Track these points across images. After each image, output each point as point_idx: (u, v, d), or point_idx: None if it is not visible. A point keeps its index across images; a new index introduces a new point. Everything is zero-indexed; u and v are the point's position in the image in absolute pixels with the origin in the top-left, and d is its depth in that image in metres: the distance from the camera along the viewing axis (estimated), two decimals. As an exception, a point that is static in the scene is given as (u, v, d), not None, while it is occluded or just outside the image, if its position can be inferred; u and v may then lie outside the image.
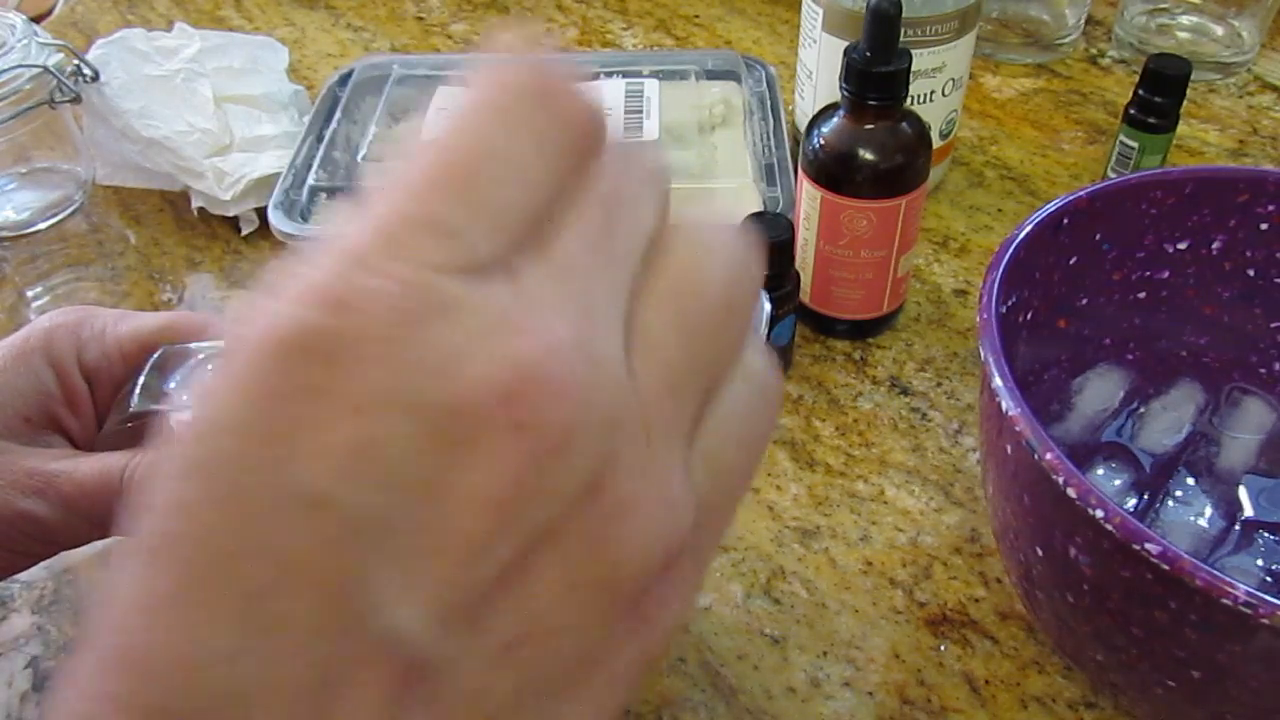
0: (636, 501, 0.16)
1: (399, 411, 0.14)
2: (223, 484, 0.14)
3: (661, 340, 0.17)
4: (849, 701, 0.37)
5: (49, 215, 0.61)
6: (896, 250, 0.47)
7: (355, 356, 0.14)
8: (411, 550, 0.14)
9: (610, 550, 0.16)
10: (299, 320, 0.14)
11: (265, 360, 0.14)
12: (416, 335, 0.14)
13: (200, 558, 0.14)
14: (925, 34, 0.51)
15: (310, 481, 0.14)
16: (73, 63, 0.58)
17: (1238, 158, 0.63)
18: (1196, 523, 0.39)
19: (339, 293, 0.14)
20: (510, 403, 0.14)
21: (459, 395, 0.14)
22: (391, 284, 0.14)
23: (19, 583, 0.42)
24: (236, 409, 0.14)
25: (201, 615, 0.14)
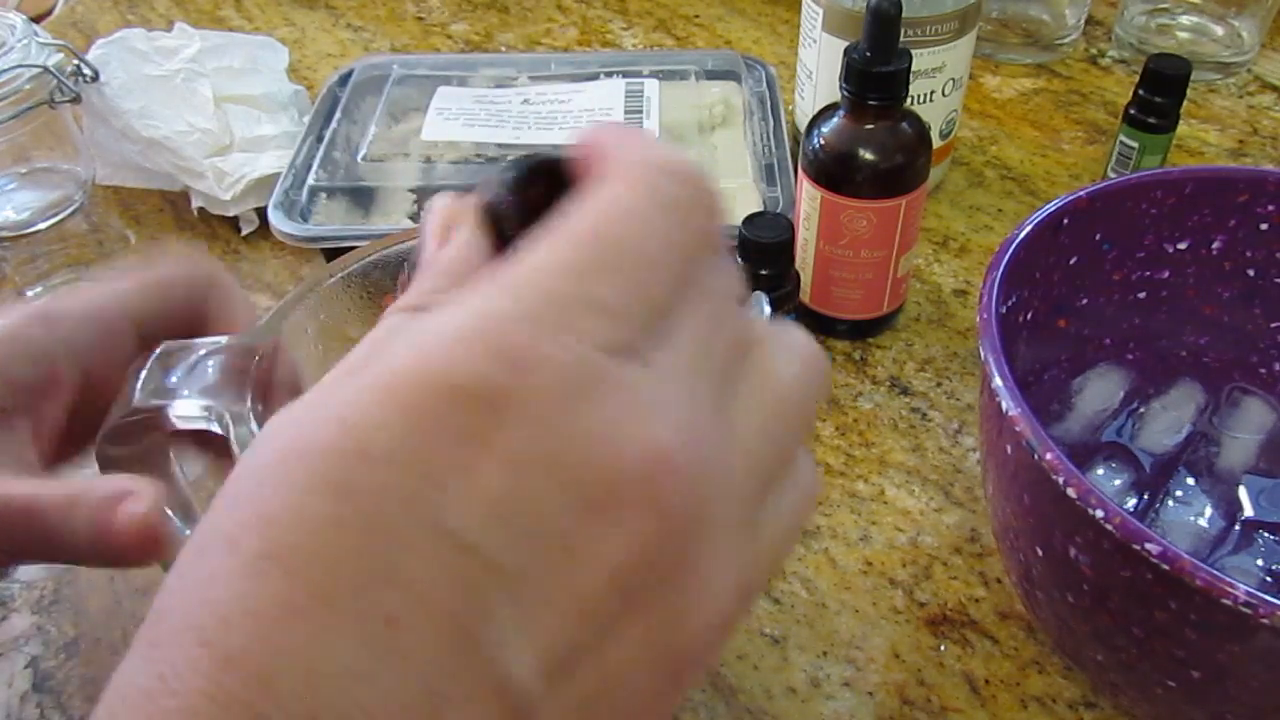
0: (718, 586, 0.17)
1: (551, 473, 0.15)
2: (367, 510, 0.15)
3: (751, 439, 0.18)
4: (849, 701, 0.37)
5: (49, 215, 0.61)
6: (896, 250, 0.47)
7: (520, 415, 0.15)
8: (536, 600, 0.15)
9: (686, 624, 0.17)
10: (471, 369, 0.15)
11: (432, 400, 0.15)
12: (576, 406, 0.16)
13: (335, 577, 0.15)
14: (925, 34, 0.51)
15: (458, 523, 0.15)
16: (73, 63, 0.58)
17: (1238, 158, 0.63)
18: (1196, 523, 0.39)
19: (517, 353, 0.15)
20: (650, 483, 0.16)
21: (608, 467, 0.16)
22: (564, 355, 0.16)
23: (19, 583, 0.42)
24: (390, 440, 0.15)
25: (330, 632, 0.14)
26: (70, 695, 0.39)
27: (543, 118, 0.59)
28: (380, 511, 0.15)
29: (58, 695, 0.39)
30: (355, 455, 0.15)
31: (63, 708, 0.38)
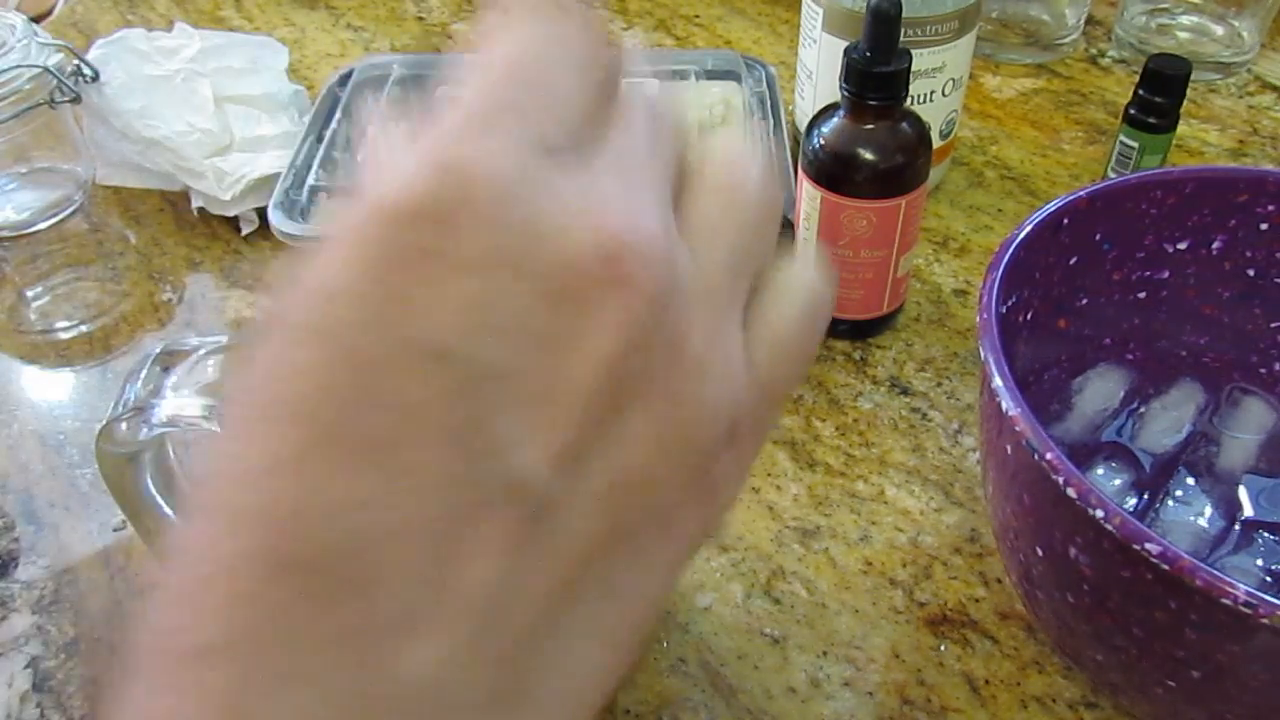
0: (707, 363, 0.17)
1: (513, 271, 0.16)
2: (341, 345, 0.15)
3: (713, 225, 0.19)
4: (849, 701, 0.37)
5: (49, 215, 0.61)
6: (896, 250, 0.47)
7: (469, 221, 0.15)
8: (528, 398, 0.16)
9: (688, 406, 0.17)
10: (412, 187, 0.15)
11: (376, 226, 0.15)
12: (522, 203, 0.16)
13: (324, 415, 0.15)
14: (925, 34, 0.51)
15: (430, 336, 0.15)
16: (73, 63, 0.58)
17: (1238, 158, 0.63)
18: (1196, 523, 0.39)
19: (449, 162, 0.16)
20: (609, 261, 0.16)
21: (565, 255, 0.16)
22: (496, 156, 0.16)
23: (19, 583, 0.42)
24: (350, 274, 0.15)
25: (329, 467, 0.15)
26: (70, 695, 0.39)
27: (543, 118, 0.59)
28: (353, 341, 0.15)
29: (58, 695, 0.39)
30: (320, 297, 0.15)
31: (63, 708, 0.38)
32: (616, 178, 0.17)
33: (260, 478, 0.15)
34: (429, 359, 0.15)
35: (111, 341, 0.54)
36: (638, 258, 0.16)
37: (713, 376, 0.17)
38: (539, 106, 0.17)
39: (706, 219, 0.19)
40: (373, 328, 0.15)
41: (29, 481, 0.46)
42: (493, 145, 0.16)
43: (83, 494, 0.46)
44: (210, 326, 0.54)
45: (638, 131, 0.19)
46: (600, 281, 0.16)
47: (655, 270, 0.16)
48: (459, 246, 0.15)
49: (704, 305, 0.17)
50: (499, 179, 0.16)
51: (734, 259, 0.19)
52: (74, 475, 0.47)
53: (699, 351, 0.17)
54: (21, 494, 0.46)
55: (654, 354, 0.16)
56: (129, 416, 0.32)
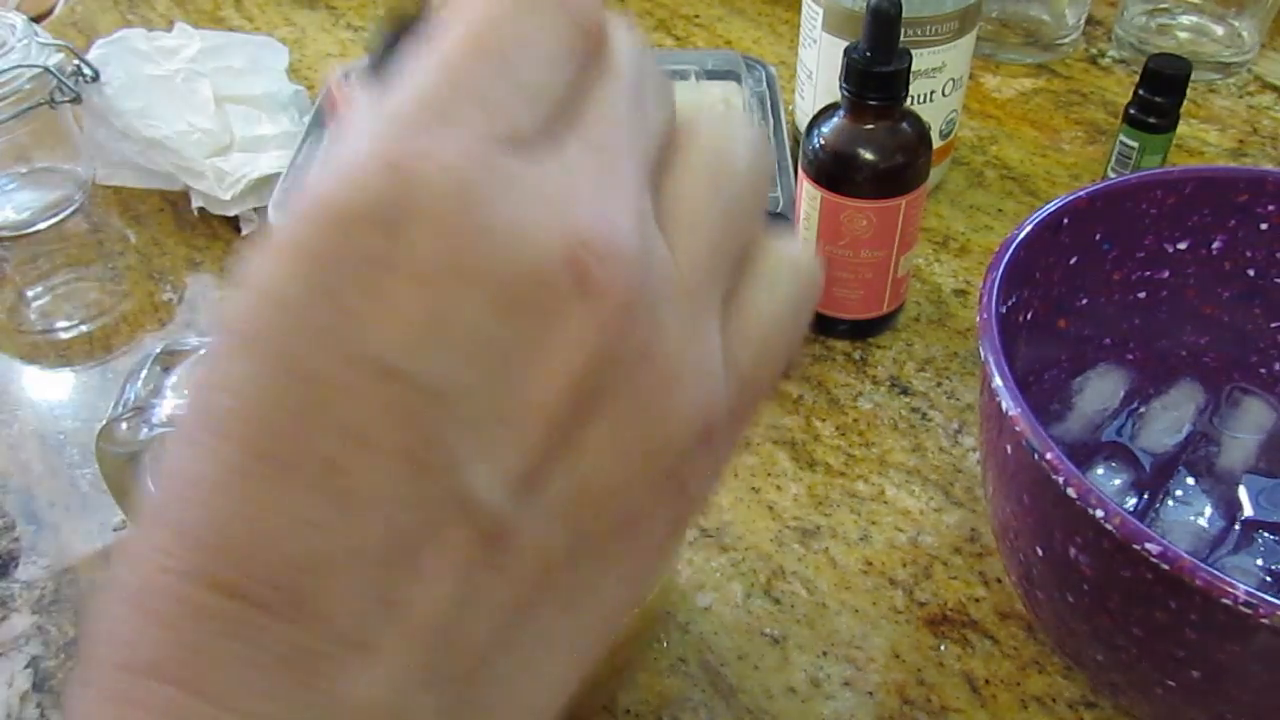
0: (680, 368, 0.16)
1: (466, 280, 0.14)
2: (281, 358, 0.14)
3: (696, 210, 0.17)
4: (849, 701, 0.37)
5: (49, 215, 0.61)
6: (896, 250, 0.47)
7: (417, 225, 0.14)
8: (486, 416, 0.15)
9: (657, 416, 0.16)
10: (355, 187, 0.14)
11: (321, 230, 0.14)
12: (477, 203, 0.14)
13: (265, 431, 0.14)
14: (925, 34, 0.51)
15: (379, 352, 0.14)
16: (73, 63, 0.58)
17: (1238, 158, 0.63)
18: (1196, 523, 0.39)
19: (395, 159, 0.14)
20: (575, 269, 0.15)
21: (525, 263, 0.14)
22: (448, 151, 0.14)
23: (19, 583, 0.42)
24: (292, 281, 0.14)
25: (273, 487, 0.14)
26: (70, 695, 0.39)
27: (543, 118, 0.59)
28: (294, 354, 0.14)
29: (58, 695, 0.39)
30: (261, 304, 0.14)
31: (63, 708, 0.38)
32: (590, 164, 0.16)
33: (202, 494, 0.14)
34: (375, 376, 0.14)
35: (111, 341, 0.54)
36: (607, 264, 0.15)
37: (686, 381, 0.16)
38: (505, 90, 0.15)
39: (689, 206, 0.17)
40: (315, 340, 0.14)
41: (29, 481, 0.47)
42: (448, 139, 0.14)
43: (83, 494, 0.46)
44: (210, 326, 0.54)
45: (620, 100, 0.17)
46: (565, 292, 0.15)
47: (627, 277, 0.15)
48: (408, 254, 0.14)
49: (680, 305, 0.16)
50: (453, 178, 0.14)
51: (716, 250, 0.17)
52: (74, 475, 0.47)
53: (672, 356, 0.16)
54: (22, 494, 0.46)
55: (622, 365, 0.15)
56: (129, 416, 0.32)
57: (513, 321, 0.15)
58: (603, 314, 0.15)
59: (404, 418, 0.14)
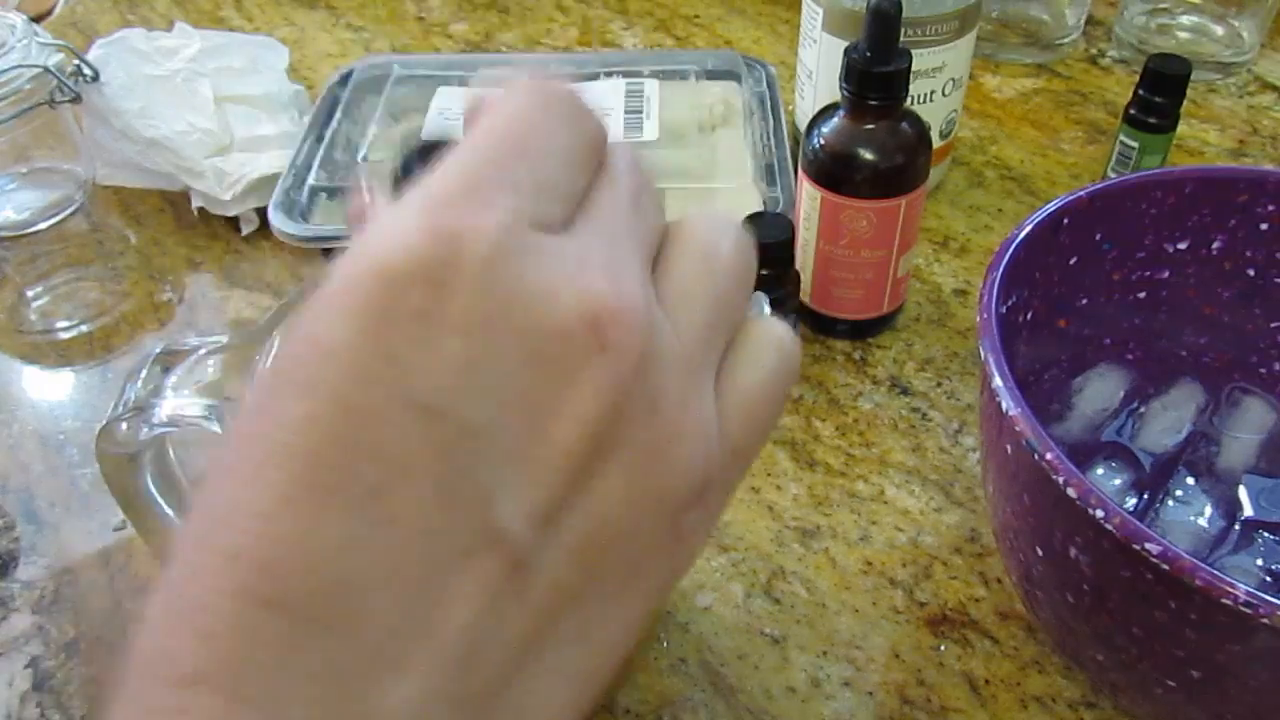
0: (683, 425, 0.18)
1: (501, 333, 0.16)
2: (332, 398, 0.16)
3: (690, 292, 0.20)
4: (849, 701, 0.37)
5: (49, 215, 0.61)
6: (896, 250, 0.47)
7: (460, 283, 0.16)
8: (511, 455, 0.16)
9: (663, 465, 0.18)
10: (406, 249, 0.16)
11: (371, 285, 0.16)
12: (511, 267, 0.17)
13: (318, 463, 0.16)
14: (925, 34, 0.51)
15: (419, 393, 0.16)
16: (73, 63, 0.58)
17: (1238, 158, 0.63)
18: (1196, 522, 0.39)
19: (441, 226, 0.16)
20: (594, 327, 0.17)
21: (552, 320, 0.17)
22: (486, 222, 0.17)
23: (19, 583, 0.42)
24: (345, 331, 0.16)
25: (320, 512, 0.15)
26: (70, 695, 0.39)
27: (543, 118, 0.59)
28: (345, 395, 0.16)
29: (58, 695, 0.39)
30: (318, 353, 0.16)
31: (63, 708, 0.38)
32: (601, 244, 0.18)
33: (248, 519, 0.16)
34: (418, 414, 0.16)
35: (111, 341, 0.54)
36: (621, 324, 0.17)
37: (686, 437, 0.18)
38: (531, 179, 0.18)
39: (683, 286, 0.20)
40: (364, 382, 0.16)
41: (29, 481, 0.47)
42: (486, 213, 0.17)
43: (83, 494, 0.46)
44: (210, 326, 0.54)
45: (621, 199, 0.20)
46: (584, 346, 0.17)
47: (637, 336, 0.17)
48: (449, 309, 0.16)
49: (680, 370, 0.18)
50: (489, 246, 0.16)
51: (708, 324, 0.20)
52: (74, 475, 0.47)
53: (674, 414, 0.18)
54: (22, 494, 0.46)
55: (632, 416, 0.17)
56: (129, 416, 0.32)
57: (539, 370, 0.17)
58: (617, 366, 0.17)
59: (442, 452, 0.16)
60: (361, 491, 0.16)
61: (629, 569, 0.18)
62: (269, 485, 0.16)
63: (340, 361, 0.16)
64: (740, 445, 0.20)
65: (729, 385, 0.20)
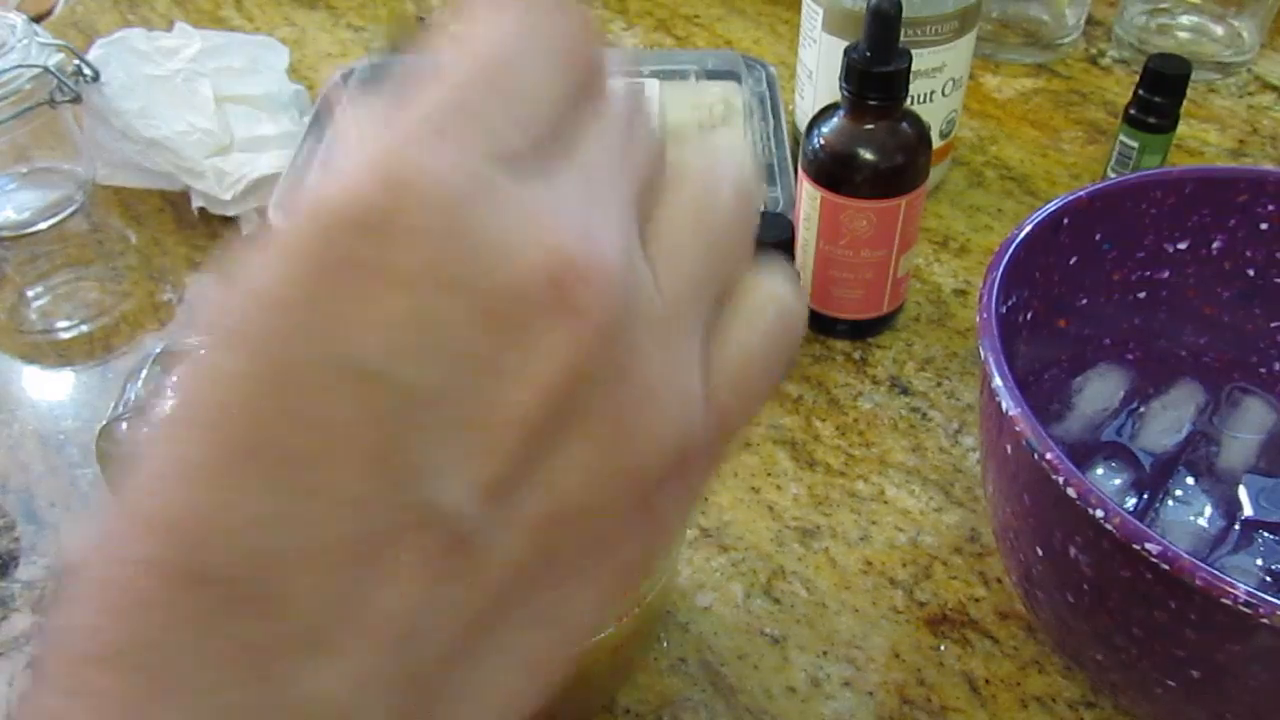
0: (658, 391, 0.16)
1: (451, 290, 0.15)
2: (265, 354, 0.14)
3: (681, 243, 0.18)
4: (849, 701, 0.37)
5: (49, 215, 0.61)
6: (896, 250, 0.47)
7: (408, 234, 0.14)
8: (459, 424, 0.15)
9: (633, 436, 0.16)
10: (350, 194, 0.15)
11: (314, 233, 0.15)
12: (468, 217, 0.15)
13: (241, 426, 0.14)
14: (925, 34, 0.51)
15: (359, 354, 0.14)
16: (73, 63, 0.58)
17: (1238, 158, 0.63)
18: (1196, 522, 0.39)
19: (392, 170, 0.15)
20: (558, 287, 0.15)
21: (510, 277, 0.15)
22: (443, 165, 0.15)
23: (19, 583, 0.42)
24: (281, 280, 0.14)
25: (241, 480, 0.14)
26: (70, 695, 0.39)
27: (543, 118, 0.59)
28: (278, 353, 0.14)
29: (58, 695, 0.39)
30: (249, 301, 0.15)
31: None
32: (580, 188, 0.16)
33: (170, 483, 0.14)
34: (354, 377, 0.14)
35: (111, 341, 0.54)
36: (590, 283, 0.15)
37: (663, 406, 0.17)
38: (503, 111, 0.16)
39: (675, 235, 0.18)
40: (299, 339, 0.14)
41: (29, 481, 0.47)
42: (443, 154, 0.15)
43: (83, 494, 0.46)
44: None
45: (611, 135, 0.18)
46: (546, 307, 0.15)
47: (608, 297, 0.15)
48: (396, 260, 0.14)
49: (661, 330, 0.17)
50: (445, 190, 0.15)
51: (700, 278, 0.18)
52: (74, 475, 0.47)
53: (650, 380, 0.16)
54: (22, 494, 0.46)
55: (600, 383, 0.16)
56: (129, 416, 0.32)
57: (492, 333, 0.15)
58: (582, 331, 0.15)
59: (377, 419, 0.14)
60: (287, 459, 0.14)
61: (594, 547, 0.17)
62: (193, 446, 0.14)
63: (273, 313, 0.14)
64: (729, 412, 0.18)
65: (720, 346, 0.18)
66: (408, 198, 0.15)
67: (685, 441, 0.17)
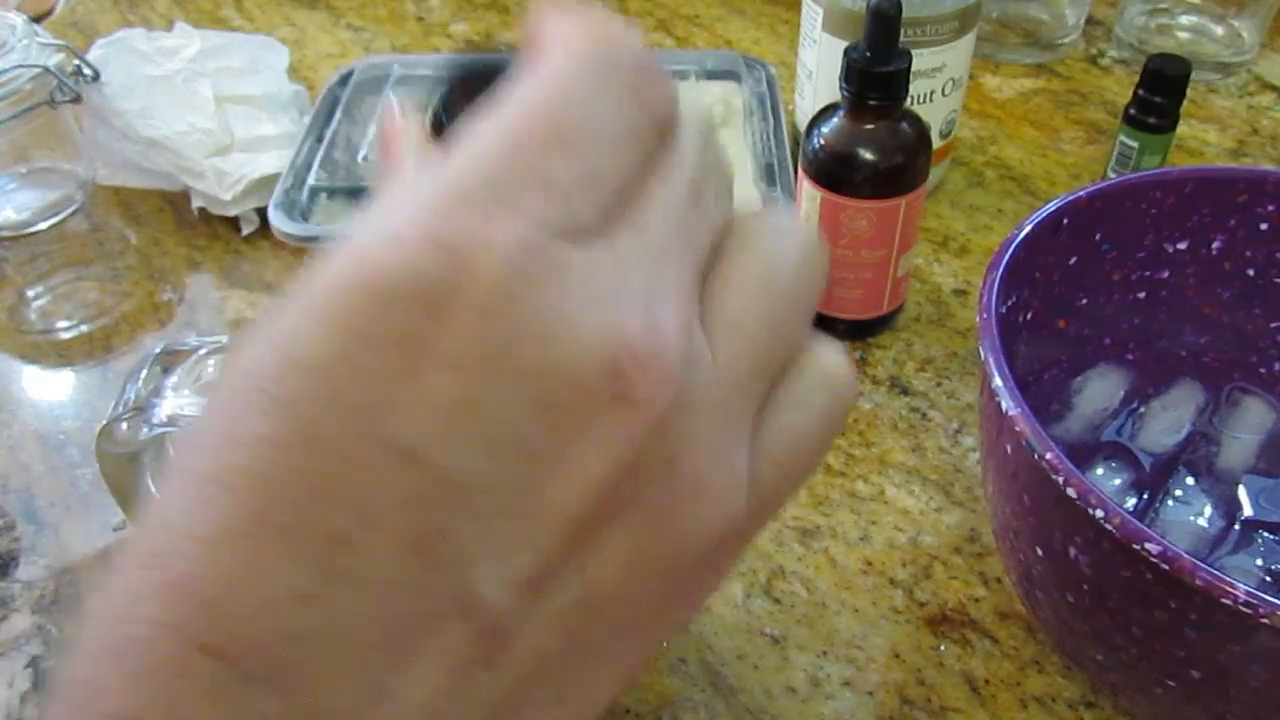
0: (706, 483, 0.16)
1: (503, 374, 0.14)
2: (303, 424, 0.14)
3: (743, 321, 0.17)
4: (849, 701, 0.37)
5: (49, 215, 0.61)
6: (896, 250, 0.47)
7: (464, 311, 0.14)
8: (502, 513, 0.14)
9: (676, 529, 0.16)
10: (404, 264, 0.14)
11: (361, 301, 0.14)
12: (526, 297, 0.14)
13: (277, 497, 0.14)
14: (925, 34, 0.51)
15: (404, 435, 0.14)
16: (73, 63, 0.58)
17: (1238, 158, 0.63)
18: (1196, 522, 0.39)
19: (449, 241, 0.14)
20: (617, 378, 0.14)
21: (566, 364, 0.14)
22: (505, 240, 0.14)
23: (19, 583, 0.42)
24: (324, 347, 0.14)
25: (275, 554, 0.14)
26: (70, 695, 0.39)
27: (543, 118, 0.59)
28: (320, 425, 0.14)
29: (58, 695, 0.39)
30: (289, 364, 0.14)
31: None
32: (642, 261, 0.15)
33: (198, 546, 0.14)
34: (396, 458, 0.14)
35: (111, 341, 0.54)
36: (649, 373, 0.14)
37: (709, 496, 0.16)
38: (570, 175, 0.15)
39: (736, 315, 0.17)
40: (340, 413, 0.14)
41: (29, 481, 0.47)
42: (505, 224, 0.14)
43: (83, 494, 0.46)
44: (210, 326, 0.54)
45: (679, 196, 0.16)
46: (601, 397, 0.14)
47: (666, 389, 0.15)
48: (447, 338, 0.14)
49: (716, 415, 0.16)
50: (505, 267, 0.14)
51: (759, 358, 0.17)
52: (74, 475, 0.47)
53: (699, 469, 0.16)
54: (22, 494, 0.46)
55: (648, 476, 0.15)
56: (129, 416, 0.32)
57: (543, 420, 0.14)
58: (636, 424, 0.15)
59: (417, 504, 0.14)
60: (321, 538, 0.14)
61: (621, 632, 0.16)
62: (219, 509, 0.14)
63: (315, 381, 0.14)
64: (769, 497, 0.17)
65: (769, 428, 0.17)
66: (465, 274, 0.14)
67: (725, 530, 0.16)
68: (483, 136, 0.15)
